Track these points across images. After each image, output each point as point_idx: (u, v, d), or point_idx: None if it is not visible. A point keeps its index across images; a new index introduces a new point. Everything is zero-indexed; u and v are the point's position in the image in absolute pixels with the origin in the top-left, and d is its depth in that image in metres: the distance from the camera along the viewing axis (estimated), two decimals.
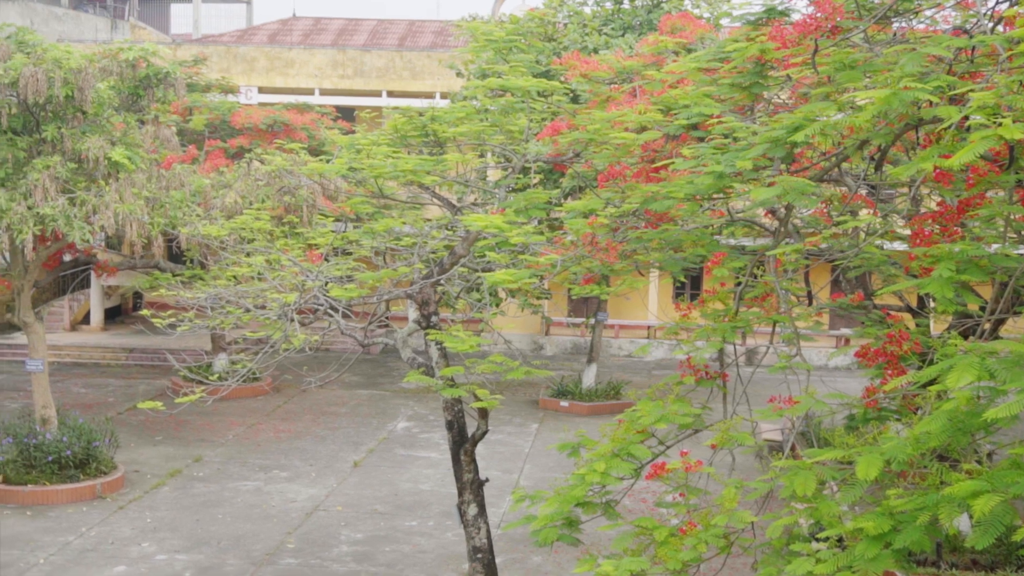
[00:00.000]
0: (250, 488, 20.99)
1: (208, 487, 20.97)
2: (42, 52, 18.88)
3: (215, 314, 14.56)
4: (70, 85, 18.58)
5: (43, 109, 19.12)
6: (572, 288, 12.76)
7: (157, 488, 20.80)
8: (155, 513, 19.33)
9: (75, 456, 20.09)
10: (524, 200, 13.16)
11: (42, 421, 20.70)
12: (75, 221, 18.47)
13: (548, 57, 24.25)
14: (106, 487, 20.17)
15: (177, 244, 23.04)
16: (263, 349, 13.41)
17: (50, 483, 19.72)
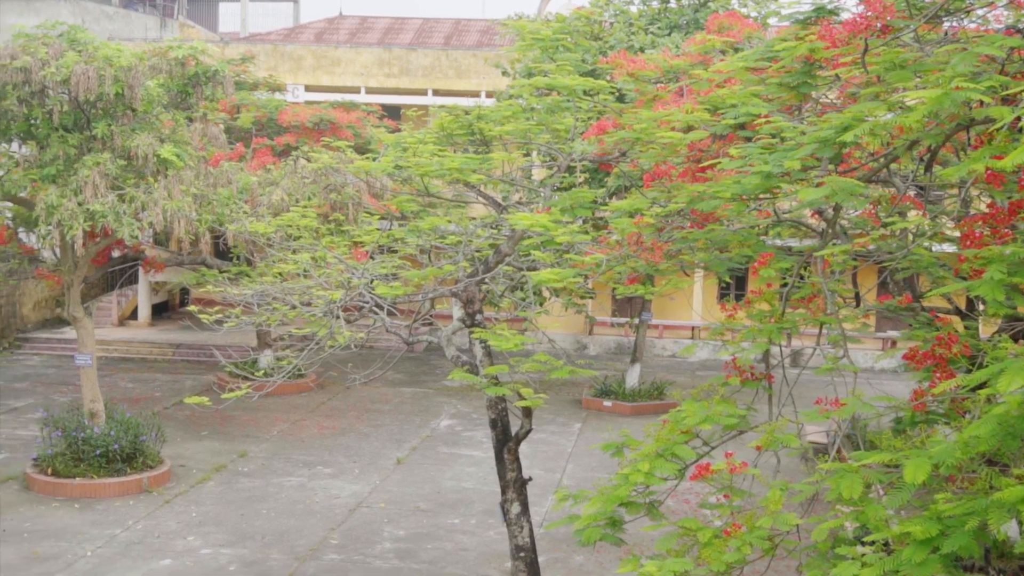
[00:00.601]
0: (294, 484, 21.11)
1: (253, 482, 21.11)
2: (93, 50, 19.07)
3: (261, 311, 14.64)
4: (120, 83, 18.76)
5: (94, 106, 19.31)
6: (616, 288, 12.72)
7: (202, 483, 20.97)
8: (200, 507, 19.48)
9: (122, 450, 20.29)
10: (570, 199, 13.14)
11: (90, 415, 20.92)
12: (124, 217, 18.64)
13: (594, 56, 24.21)
14: (152, 481, 20.36)
15: (224, 241, 23.21)
16: (308, 346, 13.47)
17: (98, 476, 19.93)
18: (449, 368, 29.78)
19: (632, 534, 9.53)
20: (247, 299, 14.70)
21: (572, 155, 14.13)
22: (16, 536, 17.71)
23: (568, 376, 11.41)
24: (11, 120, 19.23)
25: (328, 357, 13.68)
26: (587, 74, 23.00)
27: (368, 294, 13.53)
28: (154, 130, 19.71)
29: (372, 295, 13.49)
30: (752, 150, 9.14)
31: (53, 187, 18.77)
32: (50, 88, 19.02)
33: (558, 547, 17.66)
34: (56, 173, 19.00)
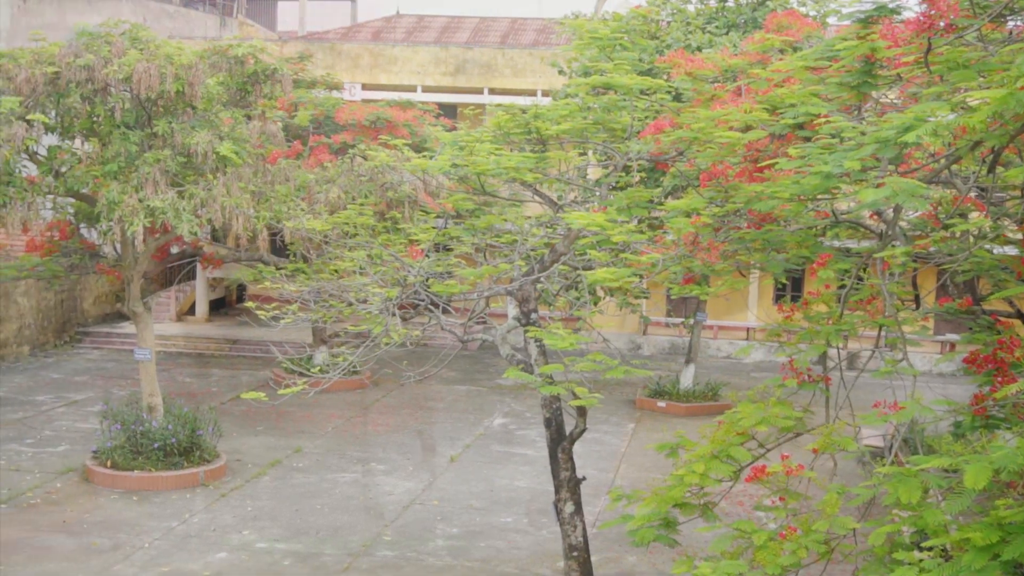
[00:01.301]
0: (348, 480, 21.23)
1: (307, 478, 21.26)
2: (155, 48, 19.28)
3: (317, 307, 14.74)
4: (181, 81, 18.95)
5: (155, 104, 19.53)
6: (672, 288, 12.67)
7: (258, 477, 21.14)
8: (256, 502, 19.65)
9: (180, 444, 20.51)
10: (626, 198, 13.11)
11: (149, 409, 21.16)
12: (183, 214, 18.83)
13: (651, 55, 24.14)
14: (209, 475, 20.56)
15: (281, 238, 23.38)
16: (364, 343, 13.54)
17: (155, 470, 20.16)
18: (503, 367, 29.81)
19: (686, 535, 9.49)
20: (304, 296, 14.80)
21: (628, 154, 14.09)
22: (76, 527, 17.96)
23: (623, 376, 11.38)
24: (74, 117, 19.49)
25: (383, 354, 13.75)
26: (644, 73, 22.93)
27: (423, 292, 13.58)
28: (213, 127, 19.89)
29: (427, 293, 13.54)
30: (811, 150, 9.07)
31: (114, 183, 19.00)
32: (112, 86, 19.26)
33: (611, 547, 17.63)
34: (118, 169, 19.23)
